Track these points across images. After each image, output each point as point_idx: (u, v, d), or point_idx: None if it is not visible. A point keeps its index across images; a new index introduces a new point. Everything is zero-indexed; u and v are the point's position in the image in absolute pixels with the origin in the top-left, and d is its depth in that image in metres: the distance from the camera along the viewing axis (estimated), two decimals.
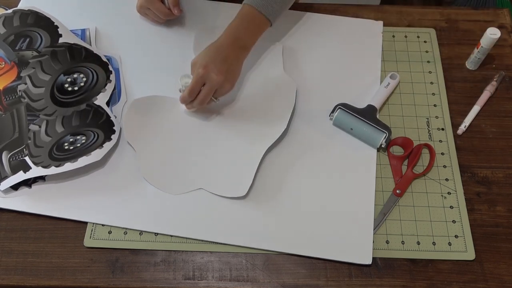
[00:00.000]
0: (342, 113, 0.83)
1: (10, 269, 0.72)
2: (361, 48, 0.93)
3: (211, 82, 0.77)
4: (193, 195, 0.77)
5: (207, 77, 0.77)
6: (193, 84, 0.78)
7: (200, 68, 0.77)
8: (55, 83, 0.85)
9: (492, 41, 0.86)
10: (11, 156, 0.78)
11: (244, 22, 0.81)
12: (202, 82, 0.78)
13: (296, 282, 0.71)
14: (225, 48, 0.79)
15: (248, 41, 0.82)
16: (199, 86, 0.78)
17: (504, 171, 0.80)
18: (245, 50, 0.82)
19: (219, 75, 0.77)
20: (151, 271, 0.72)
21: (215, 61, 0.77)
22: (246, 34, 0.81)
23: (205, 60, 0.78)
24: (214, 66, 0.77)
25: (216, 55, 0.78)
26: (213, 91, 0.78)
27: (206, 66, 0.77)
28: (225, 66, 0.78)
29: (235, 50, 0.80)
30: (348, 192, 0.77)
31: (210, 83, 0.77)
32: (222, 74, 0.77)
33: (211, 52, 0.79)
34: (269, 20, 0.82)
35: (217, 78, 0.77)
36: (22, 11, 0.93)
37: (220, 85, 0.78)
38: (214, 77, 0.77)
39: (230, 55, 0.79)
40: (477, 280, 0.71)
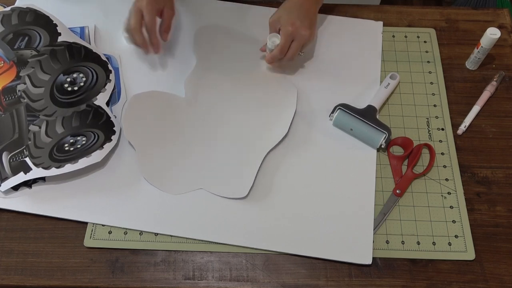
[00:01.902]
0: (342, 114, 0.82)
1: (10, 269, 0.72)
2: (361, 48, 0.93)
3: (300, 38, 0.82)
4: (193, 195, 0.77)
5: (296, 33, 0.81)
6: (284, 41, 0.82)
7: (288, 26, 0.81)
8: (55, 83, 0.85)
9: (492, 41, 0.86)
10: (12, 157, 0.77)
11: None
12: (291, 39, 0.82)
13: (296, 282, 0.71)
14: (304, 3, 0.83)
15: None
16: (289, 43, 0.82)
17: (504, 171, 0.80)
18: (319, 2, 0.86)
19: (306, 30, 0.81)
20: (151, 271, 0.72)
21: (299, 17, 0.81)
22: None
23: (290, 18, 0.82)
24: (300, 22, 0.81)
25: (299, 11, 0.82)
26: (301, 46, 0.83)
27: (293, 23, 0.81)
28: (308, 20, 0.82)
29: (312, 3, 0.84)
30: (348, 192, 0.77)
31: (300, 39, 0.82)
32: (309, 28, 0.82)
33: (292, 8, 0.83)
34: None
35: (305, 33, 0.81)
36: (20, 9, 0.92)
37: (307, 39, 0.82)
38: (303, 32, 0.81)
39: (309, 9, 0.83)
40: (477, 280, 0.71)
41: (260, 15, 0.96)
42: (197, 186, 0.77)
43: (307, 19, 0.82)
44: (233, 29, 0.95)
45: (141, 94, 0.85)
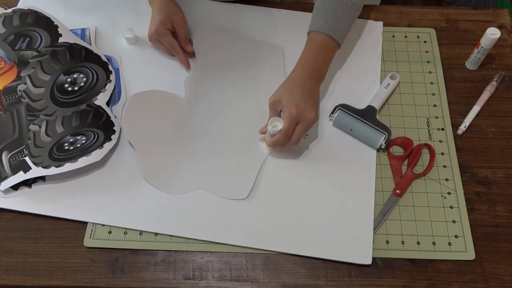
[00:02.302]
0: (342, 114, 0.83)
1: (10, 269, 0.72)
2: (361, 48, 0.93)
3: (306, 120, 0.75)
4: (193, 195, 0.77)
5: (301, 116, 0.75)
6: (288, 125, 0.75)
7: (292, 108, 0.75)
8: (55, 83, 0.85)
9: (492, 41, 0.86)
10: (11, 156, 0.78)
11: (317, 50, 0.80)
12: (295, 123, 0.75)
13: (296, 282, 0.71)
14: (306, 81, 0.77)
15: (323, 69, 0.80)
16: (293, 127, 0.76)
17: (504, 171, 0.80)
18: (322, 78, 0.80)
19: (312, 112, 0.75)
20: (151, 271, 0.72)
21: (302, 97, 0.75)
22: (321, 62, 0.80)
23: (294, 99, 0.75)
24: (305, 104, 0.75)
25: (302, 91, 0.76)
26: (307, 130, 0.76)
27: (298, 105, 0.75)
28: (312, 101, 0.76)
29: (314, 81, 0.78)
30: (348, 192, 0.77)
31: (305, 122, 0.75)
32: (314, 109, 0.76)
33: (295, 88, 0.76)
34: (338, 43, 0.81)
35: (310, 115, 0.75)
36: (22, 11, 0.93)
37: (313, 121, 0.76)
38: (309, 114, 0.75)
39: (313, 88, 0.78)
40: (477, 280, 0.71)
41: (260, 15, 0.97)
42: (197, 186, 0.77)
43: (311, 99, 0.76)
44: (233, 29, 0.95)
45: (141, 93, 0.85)
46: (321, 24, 0.80)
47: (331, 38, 0.79)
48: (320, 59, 0.80)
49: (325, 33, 0.79)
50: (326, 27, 0.79)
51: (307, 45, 0.81)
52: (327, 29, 0.79)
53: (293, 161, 0.80)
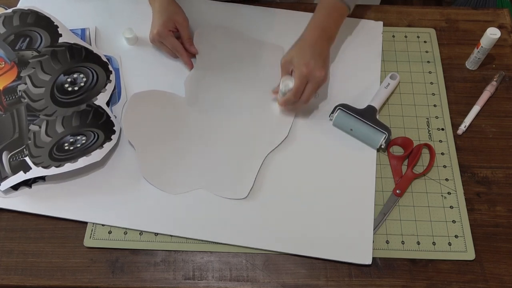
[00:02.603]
0: (342, 114, 0.83)
1: (10, 269, 0.72)
2: (361, 48, 0.93)
3: (315, 79, 0.77)
4: (193, 195, 0.77)
5: (311, 75, 0.77)
6: (298, 84, 0.77)
7: (302, 67, 0.77)
8: (55, 83, 0.85)
9: (492, 41, 0.86)
10: (11, 156, 0.78)
11: (328, 12, 0.82)
12: (306, 81, 0.78)
13: (296, 282, 0.71)
14: (316, 42, 0.79)
15: (333, 30, 0.82)
16: (304, 85, 0.78)
17: (504, 171, 0.80)
18: (332, 40, 0.82)
19: (321, 71, 0.77)
20: (151, 271, 0.72)
21: (313, 57, 0.77)
22: (331, 24, 0.82)
23: (304, 58, 0.77)
24: (314, 63, 0.77)
25: (312, 51, 0.78)
26: (317, 88, 0.79)
27: (308, 64, 0.77)
28: (321, 61, 0.78)
29: (324, 42, 0.80)
30: (348, 192, 0.77)
31: (315, 81, 0.77)
32: (324, 69, 0.78)
33: (305, 48, 0.79)
34: (348, 7, 0.83)
35: (320, 74, 0.77)
36: (22, 11, 0.93)
37: (322, 81, 0.78)
38: (318, 74, 0.77)
39: (323, 49, 0.79)
40: (477, 280, 0.71)
41: (260, 15, 0.97)
42: (197, 186, 0.77)
43: (321, 59, 0.78)
44: (233, 29, 0.95)
45: (141, 93, 0.85)
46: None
47: (343, 2, 0.82)
48: (330, 21, 0.82)
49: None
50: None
51: (317, 8, 0.83)
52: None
53: (293, 161, 0.80)
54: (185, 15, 0.90)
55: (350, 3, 0.83)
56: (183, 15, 0.89)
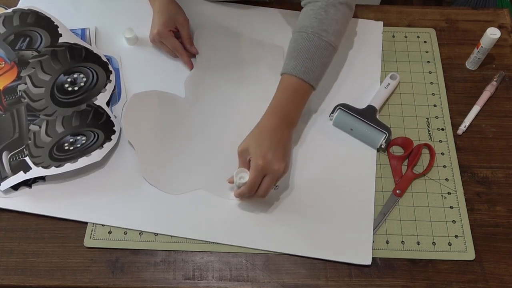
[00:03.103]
0: (342, 114, 0.83)
1: (10, 269, 0.72)
2: (361, 48, 0.93)
3: (273, 172, 0.70)
4: (193, 195, 0.77)
5: (268, 168, 0.70)
6: (253, 178, 0.70)
7: (259, 159, 0.70)
8: (55, 83, 0.85)
9: (492, 41, 0.86)
10: (11, 156, 0.78)
11: (288, 94, 0.75)
12: (262, 175, 0.71)
13: (296, 282, 0.71)
14: (275, 130, 0.72)
15: (295, 115, 0.76)
16: (260, 179, 0.71)
17: (504, 171, 0.80)
18: (293, 126, 0.76)
19: (280, 163, 0.70)
20: (151, 271, 0.72)
21: (270, 148, 0.70)
22: (293, 108, 0.75)
23: (261, 150, 0.70)
24: (271, 155, 0.70)
25: (269, 141, 0.71)
26: (275, 182, 0.72)
27: (264, 156, 0.70)
28: (281, 151, 0.71)
29: (284, 129, 0.74)
30: (348, 192, 0.77)
31: (273, 174, 0.71)
32: (282, 161, 0.71)
33: (263, 137, 0.72)
34: (312, 86, 0.76)
35: (279, 166, 0.70)
36: (22, 11, 0.93)
37: (281, 173, 0.71)
38: (276, 166, 0.70)
39: (282, 137, 0.73)
40: (477, 280, 0.71)
41: (260, 15, 0.97)
42: (196, 186, 0.77)
43: (279, 150, 0.71)
44: (233, 29, 0.95)
45: (141, 93, 0.85)
46: (292, 66, 0.75)
47: (303, 80, 0.75)
48: (292, 104, 0.75)
49: (296, 76, 0.74)
50: (297, 69, 0.75)
51: (278, 89, 0.76)
52: (298, 71, 0.74)
53: (293, 160, 0.80)
54: (185, 15, 0.90)
55: (312, 81, 0.75)
56: (184, 15, 0.89)
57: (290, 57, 0.77)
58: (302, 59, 0.75)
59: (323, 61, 0.77)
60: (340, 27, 0.78)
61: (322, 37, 0.75)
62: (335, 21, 0.77)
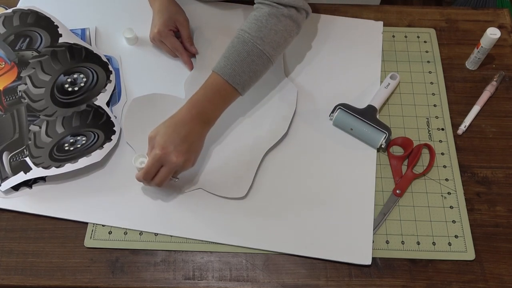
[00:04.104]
0: (342, 113, 0.83)
1: (10, 269, 0.72)
2: (361, 48, 0.93)
3: (170, 164, 0.70)
4: (193, 195, 0.77)
5: (165, 159, 0.70)
6: (148, 166, 0.71)
7: (157, 149, 0.70)
8: (55, 84, 0.85)
9: (492, 41, 0.86)
10: (12, 157, 0.78)
11: (209, 93, 0.74)
12: (159, 165, 0.71)
13: (296, 282, 0.71)
14: (186, 123, 0.72)
15: (212, 114, 0.75)
16: (156, 168, 0.71)
17: (504, 171, 0.80)
18: (209, 123, 0.75)
19: (179, 156, 0.70)
20: (151, 271, 0.72)
21: (174, 140, 0.70)
22: (210, 107, 0.74)
23: (163, 140, 0.70)
24: (173, 147, 0.70)
25: (176, 133, 0.71)
26: (172, 173, 0.72)
27: (164, 147, 0.70)
28: (185, 146, 0.71)
29: (197, 125, 0.73)
30: (348, 192, 0.77)
31: (169, 166, 0.71)
32: (182, 155, 0.70)
33: (170, 129, 0.71)
34: (237, 90, 0.75)
35: (177, 160, 0.70)
36: (22, 11, 0.93)
37: (179, 167, 0.72)
38: (174, 159, 0.70)
39: (192, 132, 0.72)
40: (477, 280, 0.71)
41: None
42: (196, 186, 0.77)
43: (184, 144, 0.70)
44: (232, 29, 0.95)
45: (141, 98, 0.85)
46: (221, 66, 0.74)
47: (227, 82, 0.74)
48: (209, 103, 0.74)
49: (221, 76, 0.74)
50: (225, 69, 0.74)
51: (203, 84, 0.75)
52: (225, 72, 0.74)
53: (293, 160, 0.80)
54: (185, 15, 0.90)
55: (239, 86, 0.74)
56: (184, 15, 0.89)
57: (223, 56, 0.75)
58: (232, 61, 0.74)
59: (253, 68, 0.75)
60: (279, 39, 0.75)
61: (256, 44, 0.74)
62: (274, 32, 0.74)
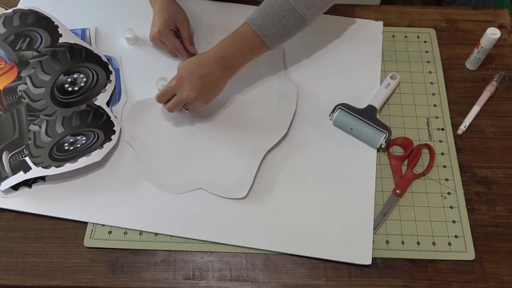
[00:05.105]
0: (342, 113, 0.83)
1: (10, 269, 0.72)
2: (361, 48, 0.93)
3: (180, 96, 0.76)
4: (193, 195, 0.77)
5: (178, 89, 0.75)
6: (163, 91, 0.76)
7: (175, 78, 0.75)
8: (55, 83, 0.85)
9: (492, 41, 0.86)
10: (12, 157, 0.78)
11: (237, 40, 0.76)
12: (172, 93, 0.76)
13: (296, 282, 0.71)
14: (209, 64, 0.75)
15: (236, 61, 0.77)
16: (169, 95, 0.77)
17: (504, 171, 0.80)
18: (231, 70, 0.78)
19: (191, 91, 0.74)
20: (151, 271, 0.72)
21: (191, 75, 0.75)
22: (236, 54, 0.77)
23: (183, 72, 0.75)
24: (188, 81, 0.74)
25: (196, 69, 0.75)
26: (182, 104, 0.77)
27: (181, 78, 0.75)
28: (200, 83, 0.75)
29: (219, 68, 0.76)
30: (348, 192, 0.77)
31: (180, 97, 0.76)
32: (195, 91, 0.75)
33: (192, 64, 0.76)
34: (264, 43, 0.76)
35: (188, 93, 0.75)
36: (22, 11, 0.93)
37: (190, 100, 0.76)
38: (185, 92, 0.75)
39: (212, 73, 0.75)
40: (477, 280, 0.71)
41: None
42: (196, 186, 0.77)
43: (200, 81, 0.74)
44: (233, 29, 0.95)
45: (143, 100, 0.85)
46: (253, 16, 0.76)
47: (256, 33, 0.75)
48: (238, 52, 0.76)
49: (251, 26, 0.75)
50: (256, 20, 0.75)
51: (234, 31, 0.77)
52: (255, 23, 0.75)
53: (293, 160, 0.80)
54: (186, 15, 0.90)
55: (267, 39, 0.76)
56: (184, 15, 0.89)
57: (258, 8, 0.76)
58: (263, 13, 0.75)
59: (283, 23, 0.75)
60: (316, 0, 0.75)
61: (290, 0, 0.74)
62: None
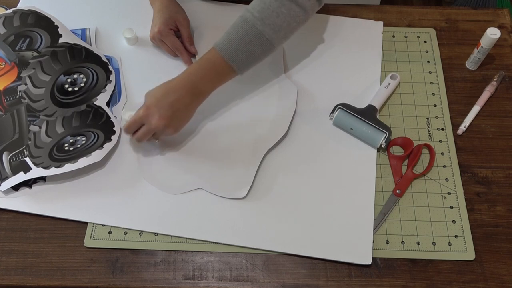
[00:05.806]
0: (342, 113, 0.83)
1: (10, 269, 0.72)
2: (361, 48, 0.93)
3: (149, 125, 0.74)
4: (193, 195, 0.77)
5: (146, 119, 0.74)
6: (131, 122, 0.75)
7: (143, 108, 0.74)
8: (55, 84, 0.85)
9: (492, 41, 0.86)
10: (12, 157, 0.78)
11: (205, 66, 0.75)
12: (140, 123, 0.75)
13: (296, 282, 0.71)
14: (177, 90, 0.74)
15: (205, 87, 0.76)
16: (137, 125, 0.75)
17: (504, 171, 0.80)
18: (200, 96, 0.76)
19: (160, 120, 0.73)
20: (151, 271, 0.72)
21: (159, 104, 0.73)
22: (204, 81, 0.75)
23: (151, 100, 0.74)
24: (157, 110, 0.73)
25: (164, 97, 0.74)
26: (151, 134, 0.75)
27: (149, 107, 0.73)
28: (170, 112, 0.73)
29: (187, 95, 0.75)
30: (348, 192, 0.77)
31: (148, 127, 0.74)
32: (164, 120, 0.73)
33: (160, 92, 0.74)
34: (233, 68, 0.75)
35: (157, 123, 0.73)
36: (22, 11, 0.93)
37: (159, 130, 0.74)
38: (154, 121, 0.73)
39: (180, 100, 0.74)
40: (477, 280, 0.71)
41: None
42: (196, 186, 0.77)
43: (169, 110, 0.73)
44: None
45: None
46: (221, 41, 0.74)
47: (223, 59, 0.74)
48: (206, 78, 0.75)
49: (218, 52, 0.74)
50: (222, 46, 0.74)
51: (201, 57, 0.76)
52: (222, 48, 0.74)
53: (293, 160, 0.80)
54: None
55: (235, 64, 0.74)
56: (184, 14, 0.89)
57: (225, 32, 0.75)
58: (230, 38, 0.74)
59: (250, 48, 0.74)
60: (281, 23, 0.73)
61: (256, 24, 0.73)
62: (275, 14, 0.72)
